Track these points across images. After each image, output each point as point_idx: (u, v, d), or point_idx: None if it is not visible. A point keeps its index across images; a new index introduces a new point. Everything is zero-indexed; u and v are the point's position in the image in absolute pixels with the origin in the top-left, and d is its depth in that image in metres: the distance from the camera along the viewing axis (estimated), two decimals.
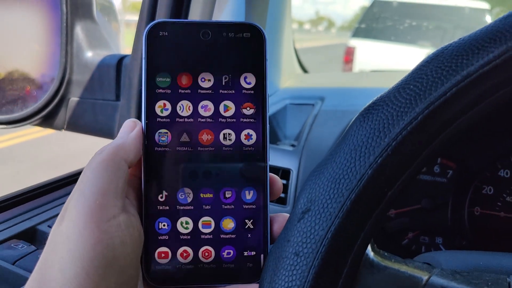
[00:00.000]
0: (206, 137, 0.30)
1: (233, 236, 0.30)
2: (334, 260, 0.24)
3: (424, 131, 0.24)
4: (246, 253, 0.31)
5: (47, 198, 0.62)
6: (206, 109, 0.31)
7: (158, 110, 0.30)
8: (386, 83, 0.80)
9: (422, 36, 3.55)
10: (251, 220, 0.31)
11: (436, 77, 0.24)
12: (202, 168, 0.30)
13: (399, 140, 0.24)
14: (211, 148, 0.30)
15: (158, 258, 0.30)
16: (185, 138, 0.30)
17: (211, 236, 0.30)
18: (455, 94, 0.24)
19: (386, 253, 0.28)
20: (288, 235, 0.25)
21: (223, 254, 0.30)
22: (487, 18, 3.56)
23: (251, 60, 0.31)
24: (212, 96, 0.31)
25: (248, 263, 0.31)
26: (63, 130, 0.66)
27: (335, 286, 0.24)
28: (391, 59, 3.55)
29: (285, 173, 0.65)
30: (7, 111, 0.64)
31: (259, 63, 0.31)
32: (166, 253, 0.30)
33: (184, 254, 0.30)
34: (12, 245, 0.50)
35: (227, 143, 0.31)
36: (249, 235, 0.31)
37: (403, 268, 0.26)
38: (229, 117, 0.31)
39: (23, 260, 0.48)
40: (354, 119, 0.27)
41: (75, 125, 0.65)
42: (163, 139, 0.30)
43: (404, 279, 0.26)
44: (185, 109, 0.30)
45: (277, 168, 0.66)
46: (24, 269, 0.47)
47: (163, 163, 0.30)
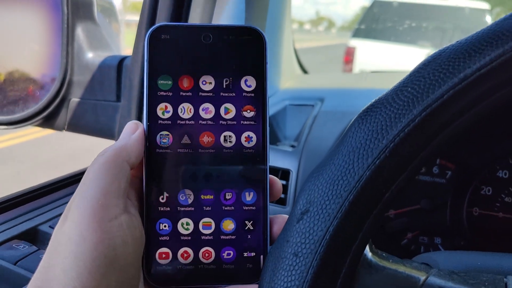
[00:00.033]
0: (206, 139, 0.31)
1: (233, 237, 0.31)
2: (332, 261, 0.25)
3: (421, 133, 0.25)
4: (246, 254, 0.31)
5: (48, 199, 0.62)
6: (207, 111, 0.31)
7: (159, 113, 0.30)
8: (386, 84, 0.80)
9: (422, 37, 3.54)
10: (251, 222, 0.31)
11: (433, 79, 0.25)
12: (202, 170, 0.31)
13: (397, 142, 0.24)
14: (211, 150, 0.31)
15: (159, 258, 0.30)
16: (186, 140, 0.31)
17: (211, 237, 0.31)
18: (452, 96, 0.24)
19: (384, 253, 0.28)
20: (287, 236, 0.26)
21: (223, 255, 0.31)
22: (487, 18, 3.56)
23: (252, 63, 0.31)
24: (213, 99, 0.31)
25: (248, 264, 0.31)
26: (64, 131, 0.66)
27: (333, 286, 0.25)
28: (391, 59, 3.54)
29: (284, 173, 0.65)
30: (8, 111, 0.64)
31: (260, 66, 0.31)
32: (166, 253, 0.30)
33: (185, 255, 0.30)
34: (13, 245, 0.50)
35: (228, 145, 0.31)
36: (249, 236, 0.31)
37: (401, 268, 0.27)
38: (229, 119, 0.31)
39: (24, 260, 0.48)
40: (352, 121, 0.27)
41: (76, 125, 0.65)
42: (164, 141, 0.30)
43: (401, 279, 0.26)
44: (186, 111, 0.31)
45: (276, 169, 0.66)
46: (26, 269, 0.47)
47: (164, 165, 0.30)
